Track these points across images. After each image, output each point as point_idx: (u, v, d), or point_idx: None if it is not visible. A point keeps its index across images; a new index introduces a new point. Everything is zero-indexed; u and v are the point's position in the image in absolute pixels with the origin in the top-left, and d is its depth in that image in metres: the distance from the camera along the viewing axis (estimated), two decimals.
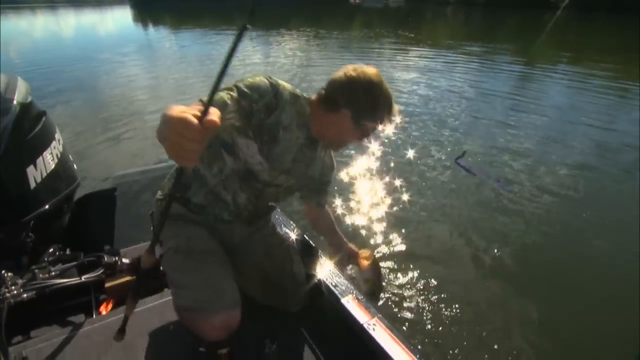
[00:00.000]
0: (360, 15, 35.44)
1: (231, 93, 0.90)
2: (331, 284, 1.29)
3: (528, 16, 33.40)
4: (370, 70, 1.04)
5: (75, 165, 1.61)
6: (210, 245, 1.13)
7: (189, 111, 0.57)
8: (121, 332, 1.00)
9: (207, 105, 0.58)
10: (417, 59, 10.65)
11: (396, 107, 1.08)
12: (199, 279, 1.04)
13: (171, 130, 0.57)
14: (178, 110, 0.58)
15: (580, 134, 4.83)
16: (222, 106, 0.85)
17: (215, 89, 0.59)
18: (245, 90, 0.92)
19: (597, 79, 8.16)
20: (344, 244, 1.42)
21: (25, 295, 1.20)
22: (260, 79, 0.96)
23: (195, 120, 0.56)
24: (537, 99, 6.53)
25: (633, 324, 1.94)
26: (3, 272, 1.19)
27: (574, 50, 13.17)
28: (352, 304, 1.20)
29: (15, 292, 1.18)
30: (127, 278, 1.53)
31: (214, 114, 0.58)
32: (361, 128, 1.07)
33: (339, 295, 1.24)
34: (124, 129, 4.65)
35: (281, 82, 1.01)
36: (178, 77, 7.86)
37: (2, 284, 1.16)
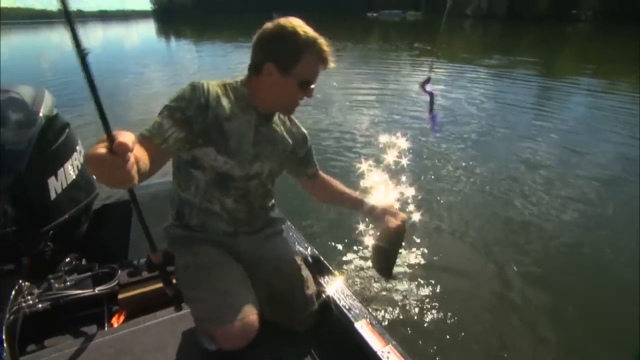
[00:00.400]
0: (378, 27, 35.79)
1: (163, 113, 0.94)
2: (344, 306, 1.25)
3: (549, 29, 32.96)
4: (283, 19, 1.00)
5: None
6: (218, 257, 1.13)
7: (97, 146, 0.59)
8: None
9: (106, 131, 0.60)
10: (434, 71, 10.61)
11: (328, 48, 1.01)
12: (210, 290, 1.04)
13: (92, 169, 0.61)
14: (90, 150, 0.60)
15: (603, 147, 4.67)
16: (157, 129, 0.90)
17: (101, 112, 0.63)
18: (172, 104, 0.95)
19: (621, 92, 7.96)
20: (361, 201, 1.28)
21: (40, 305, 1.21)
22: (183, 88, 0.98)
23: (103, 152, 0.58)
24: (558, 112, 6.39)
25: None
26: (20, 281, 1.21)
27: (597, 62, 12.87)
28: (365, 329, 1.15)
29: (30, 302, 1.19)
30: (140, 290, 1.54)
31: (122, 136, 0.59)
32: (293, 78, 1.00)
33: (352, 319, 1.20)
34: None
35: (206, 81, 1.02)
36: None
37: (19, 293, 1.18)
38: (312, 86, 1.04)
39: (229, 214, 1.13)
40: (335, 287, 1.34)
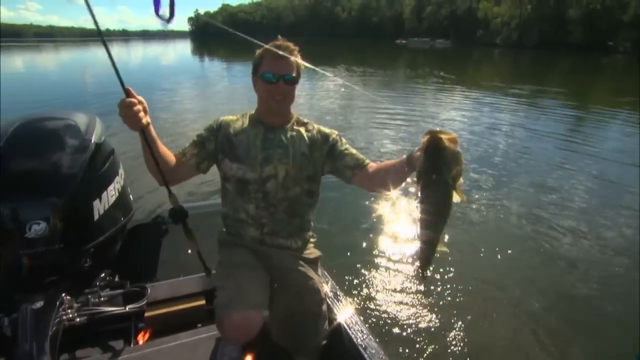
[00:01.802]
0: (406, 55, 36.22)
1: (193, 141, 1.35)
2: (360, 345, 1.24)
3: (583, 60, 32.20)
4: None
5: (131, 196, 1.77)
6: (248, 259, 1.28)
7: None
8: None
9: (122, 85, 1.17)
10: (462, 99, 10.61)
11: (280, 44, 1.21)
12: (232, 282, 1.19)
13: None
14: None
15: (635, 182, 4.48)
16: (182, 149, 1.35)
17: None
18: (198, 134, 1.36)
19: None
20: (402, 159, 1.10)
21: (78, 319, 1.30)
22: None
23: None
24: (592, 145, 6.22)
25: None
26: (63, 295, 1.30)
27: (635, 95, 12.40)
28: None
29: (70, 315, 1.28)
30: (166, 310, 1.60)
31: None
32: (259, 75, 1.25)
33: (368, 358, 1.20)
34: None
35: (224, 117, 1.38)
36: (230, 108, 8.41)
37: (61, 306, 1.27)
38: (279, 81, 1.22)
39: (254, 220, 1.28)
40: (351, 322, 1.34)
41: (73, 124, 1.48)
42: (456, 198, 0.83)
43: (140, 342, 1.51)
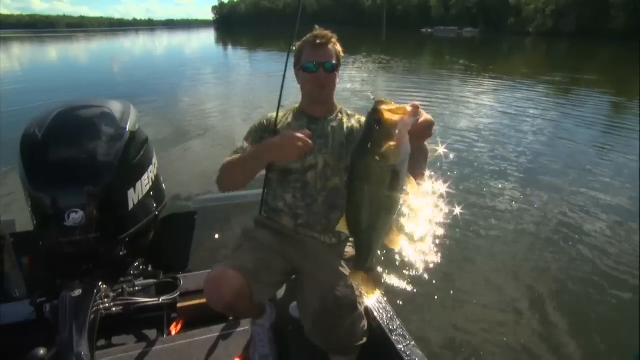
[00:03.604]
0: (432, 44, 35.15)
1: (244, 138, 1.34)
2: (400, 349, 1.18)
3: (626, 48, 30.11)
4: None
5: (164, 186, 1.76)
6: (272, 243, 1.28)
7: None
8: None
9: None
10: (488, 91, 10.18)
11: (317, 33, 1.21)
12: (242, 252, 1.23)
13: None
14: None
15: None
16: (240, 147, 1.29)
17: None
18: (251, 131, 1.35)
19: None
20: None
21: (114, 309, 1.30)
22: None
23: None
24: (631, 143, 5.79)
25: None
26: (100, 283, 1.31)
27: None
28: None
29: (107, 304, 1.29)
30: (198, 301, 1.60)
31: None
32: (300, 68, 1.25)
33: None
34: (209, 151, 4.91)
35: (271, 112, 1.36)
36: (252, 94, 8.42)
37: (98, 294, 1.28)
38: (320, 69, 1.21)
39: (290, 209, 1.28)
40: (392, 325, 1.28)
41: (108, 112, 1.47)
42: (409, 186, 0.73)
43: (173, 332, 1.51)
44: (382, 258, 2.62)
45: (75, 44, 41.24)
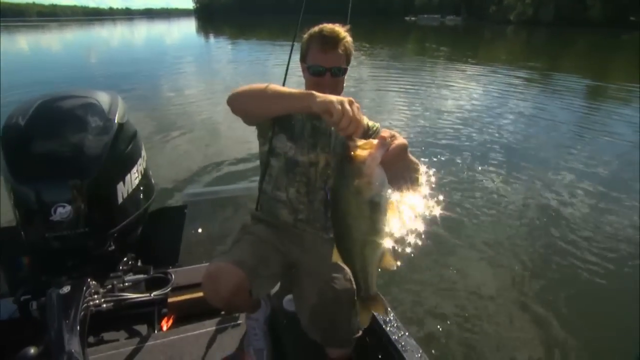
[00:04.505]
0: (416, 32, 35.15)
1: None
2: (395, 340, 1.20)
3: (602, 36, 30.90)
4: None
5: (153, 180, 1.72)
6: (270, 237, 1.26)
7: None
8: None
9: None
10: (470, 78, 10.30)
11: (328, 34, 1.12)
12: (238, 246, 1.21)
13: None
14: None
15: None
16: None
17: None
18: None
19: None
20: None
21: (105, 305, 1.28)
22: None
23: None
24: (608, 127, 6.02)
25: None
26: (89, 280, 1.28)
27: None
28: None
29: (97, 301, 1.26)
30: (189, 296, 1.58)
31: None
32: (306, 65, 1.18)
33: (407, 358, 1.15)
34: (196, 143, 4.78)
35: None
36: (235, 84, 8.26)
37: (87, 290, 1.25)
38: (326, 75, 1.14)
39: (291, 204, 1.25)
40: (386, 318, 1.29)
41: (95, 103, 1.42)
42: (389, 212, 0.78)
43: (164, 328, 1.50)
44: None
45: (48, 33, 39.39)
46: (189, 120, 5.78)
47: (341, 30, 1.14)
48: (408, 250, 2.68)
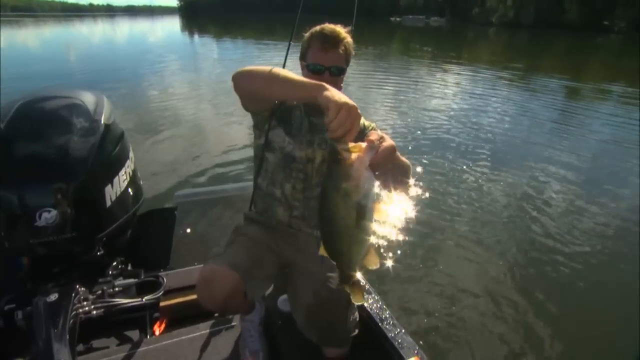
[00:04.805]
0: (401, 33, 35.50)
1: None
2: (391, 337, 1.20)
3: (578, 39, 31.98)
4: None
5: (141, 182, 1.68)
6: (261, 237, 1.25)
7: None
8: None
9: None
10: (455, 79, 10.49)
11: (329, 33, 1.12)
12: (233, 248, 1.20)
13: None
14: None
15: (625, 171, 4.46)
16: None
17: None
18: None
19: None
20: None
21: (95, 312, 1.24)
22: None
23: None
24: (585, 126, 6.28)
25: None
26: (78, 286, 1.23)
27: (629, 76, 12.45)
28: None
29: (87, 308, 1.22)
30: (182, 299, 1.55)
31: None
32: (306, 64, 1.17)
33: (404, 355, 1.15)
34: (184, 143, 4.70)
35: None
36: (221, 84, 8.16)
37: (76, 297, 1.20)
38: (325, 73, 1.13)
39: (286, 200, 1.24)
40: (382, 314, 1.30)
41: (80, 104, 1.38)
42: (378, 213, 0.78)
43: (157, 332, 1.47)
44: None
45: (24, 29, 38.01)
46: (177, 120, 5.67)
47: (342, 30, 1.14)
48: (394, 247, 2.70)
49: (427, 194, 3.46)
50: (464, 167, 4.22)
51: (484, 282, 2.45)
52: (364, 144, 0.78)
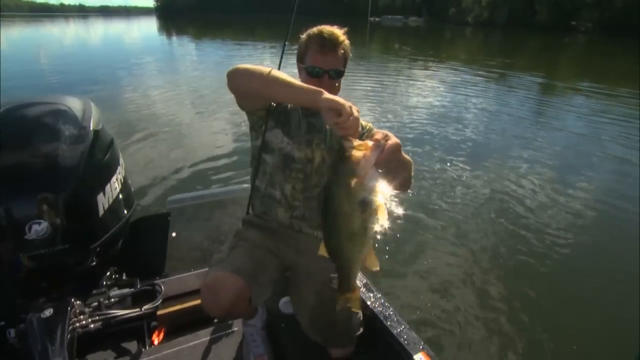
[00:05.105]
0: (380, 32, 35.89)
1: None
2: (397, 334, 1.22)
3: (549, 38, 33.23)
4: None
5: (132, 188, 1.63)
6: (265, 242, 1.23)
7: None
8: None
9: None
10: (434, 77, 10.75)
11: (328, 36, 1.11)
12: (235, 253, 1.18)
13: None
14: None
15: (596, 161, 4.73)
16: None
17: None
18: None
19: (618, 102, 8.19)
20: None
21: (92, 325, 1.20)
22: None
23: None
24: (556, 120, 6.60)
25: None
26: (73, 299, 1.19)
27: (595, 73, 13.14)
28: None
29: (84, 322, 1.18)
30: (179, 307, 1.52)
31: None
32: (304, 64, 1.16)
33: (410, 351, 1.16)
34: (171, 146, 4.59)
35: None
36: (201, 84, 8.03)
37: (72, 311, 1.16)
38: (325, 77, 1.13)
39: (286, 201, 1.22)
40: (385, 312, 1.31)
41: (66, 110, 1.33)
42: (380, 213, 0.78)
43: (156, 342, 1.43)
44: None
45: None
46: (163, 123, 5.53)
47: (340, 32, 1.14)
48: (382, 243, 2.73)
49: (410, 189, 3.52)
50: (444, 161, 4.36)
51: (471, 274, 2.51)
52: (370, 142, 0.79)
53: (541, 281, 2.45)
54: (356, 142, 0.78)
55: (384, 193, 0.79)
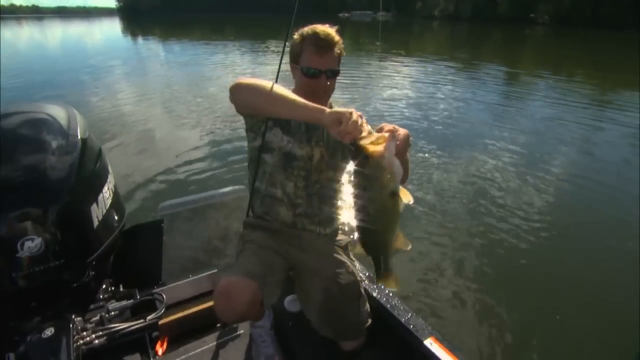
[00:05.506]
0: (349, 28, 36.09)
1: None
2: (405, 322, 1.24)
3: (510, 31, 34.65)
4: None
5: (122, 197, 1.58)
6: (269, 243, 1.24)
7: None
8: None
9: None
10: (404, 71, 11.01)
11: (323, 36, 1.13)
12: (245, 258, 1.19)
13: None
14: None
15: (561, 148, 4.95)
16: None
17: None
18: None
19: (576, 89, 8.76)
20: None
21: (97, 341, 1.15)
22: None
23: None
24: (522, 108, 6.99)
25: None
26: (73, 316, 1.14)
27: (553, 63, 13.94)
28: (435, 347, 1.12)
29: (87, 338, 1.13)
30: (181, 314, 1.49)
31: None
32: (299, 65, 1.17)
33: (419, 337, 1.18)
34: (155, 151, 4.45)
35: None
36: (170, 88, 7.81)
37: (74, 328, 1.11)
38: (322, 77, 1.14)
39: (289, 199, 1.23)
40: (392, 302, 1.34)
41: (49, 119, 1.26)
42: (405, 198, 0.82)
43: (159, 352, 1.40)
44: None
45: None
46: (140, 127, 5.34)
47: (334, 32, 1.15)
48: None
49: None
50: (424, 151, 4.50)
51: (463, 258, 2.59)
52: (385, 134, 0.82)
53: (535, 262, 2.54)
54: (371, 137, 0.80)
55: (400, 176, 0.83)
